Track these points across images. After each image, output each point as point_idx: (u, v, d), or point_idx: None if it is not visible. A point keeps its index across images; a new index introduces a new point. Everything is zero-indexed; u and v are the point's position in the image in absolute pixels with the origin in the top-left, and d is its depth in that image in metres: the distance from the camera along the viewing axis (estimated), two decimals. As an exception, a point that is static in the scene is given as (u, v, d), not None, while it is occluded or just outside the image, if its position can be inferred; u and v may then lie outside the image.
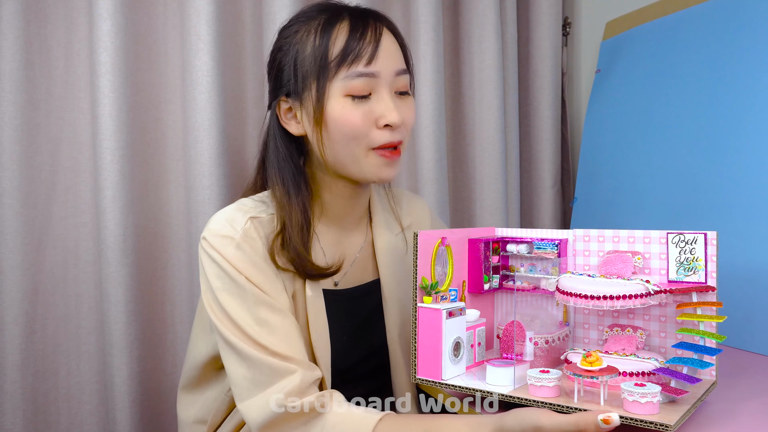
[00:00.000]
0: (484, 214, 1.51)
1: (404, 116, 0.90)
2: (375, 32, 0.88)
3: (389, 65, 0.88)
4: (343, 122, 0.86)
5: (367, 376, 0.98)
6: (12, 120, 1.16)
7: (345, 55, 0.85)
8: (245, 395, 0.82)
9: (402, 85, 0.91)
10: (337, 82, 0.86)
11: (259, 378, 0.81)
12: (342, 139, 0.87)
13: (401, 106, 0.90)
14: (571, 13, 1.68)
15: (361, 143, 0.88)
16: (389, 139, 0.88)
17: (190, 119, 1.22)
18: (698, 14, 1.26)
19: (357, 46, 0.86)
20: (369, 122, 0.87)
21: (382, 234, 1.02)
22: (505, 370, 0.78)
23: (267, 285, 0.85)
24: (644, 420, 0.66)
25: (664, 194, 1.24)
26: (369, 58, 0.86)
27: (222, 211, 0.90)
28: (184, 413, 1.01)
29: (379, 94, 0.88)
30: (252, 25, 1.34)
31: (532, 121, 1.63)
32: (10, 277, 1.17)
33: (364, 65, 0.86)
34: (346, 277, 0.99)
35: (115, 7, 1.16)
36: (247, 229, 0.86)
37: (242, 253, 0.85)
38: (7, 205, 1.16)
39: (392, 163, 0.90)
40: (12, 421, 1.18)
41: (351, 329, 0.96)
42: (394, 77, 0.89)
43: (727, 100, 1.15)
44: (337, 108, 0.86)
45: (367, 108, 0.87)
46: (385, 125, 0.88)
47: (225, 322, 0.84)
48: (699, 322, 0.78)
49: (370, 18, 0.90)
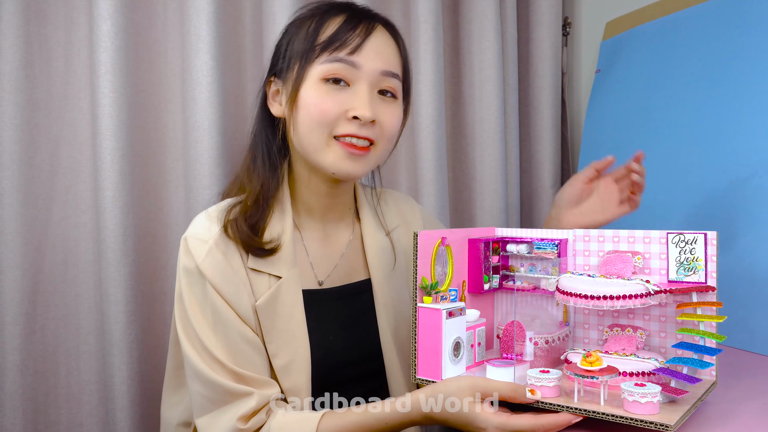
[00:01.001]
0: (484, 214, 1.51)
1: (381, 117, 0.89)
2: (367, 27, 0.88)
3: (376, 62, 0.88)
4: (313, 106, 0.86)
5: (365, 377, 0.97)
6: (12, 120, 1.16)
7: (331, 41, 0.86)
8: (200, 412, 0.84)
9: (388, 86, 0.90)
10: (317, 66, 0.87)
11: (214, 397, 0.83)
12: (308, 123, 0.87)
13: (380, 107, 0.89)
14: (571, 13, 1.68)
15: (324, 130, 0.87)
16: (354, 131, 0.87)
17: (190, 119, 1.22)
18: (698, 14, 1.26)
19: (345, 35, 0.87)
20: (338, 111, 0.86)
21: (372, 233, 1.01)
22: (505, 370, 0.78)
23: (232, 296, 0.85)
24: (644, 420, 0.66)
25: (664, 194, 1.24)
26: (353, 47, 0.86)
27: (204, 213, 0.91)
28: (168, 414, 1.00)
29: (356, 87, 0.87)
30: (252, 25, 1.34)
31: (532, 121, 1.63)
32: (10, 277, 1.17)
33: (346, 53, 0.86)
34: (333, 274, 0.98)
35: (115, 7, 1.16)
36: (222, 232, 0.87)
37: (212, 259, 0.85)
38: (7, 205, 1.16)
39: (356, 158, 0.88)
40: (12, 421, 1.17)
41: (338, 329, 0.94)
42: (379, 76, 0.89)
43: (726, 99, 1.15)
44: (310, 91, 0.87)
45: (340, 98, 0.87)
46: (354, 117, 0.86)
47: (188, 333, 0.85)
48: (699, 322, 0.78)
49: (366, 15, 0.91)
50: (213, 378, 0.82)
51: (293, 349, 0.88)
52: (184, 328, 0.86)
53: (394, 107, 0.92)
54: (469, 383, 0.75)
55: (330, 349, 0.92)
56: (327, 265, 0.98)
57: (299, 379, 0.88)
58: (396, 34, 0.94)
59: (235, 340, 0.85)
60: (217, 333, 0.84)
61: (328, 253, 0.98)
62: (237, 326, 0.85)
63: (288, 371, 0.87)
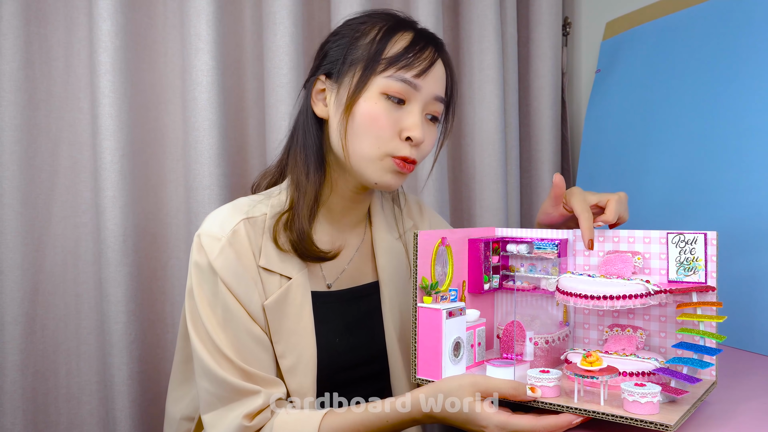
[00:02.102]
0: (484, 214, 1.51)
1: (426, 139, 0.91)
2: (433, 54, 0.90)
3: (433, 87, 0.90)
4: (373, 118, 0.87)
5: (369, 379, 0.97)
6: (12, 120, 1.16)
7: (399, 58, 0.87)
8: (207, 408, 0.85)
9: (435, 110, 0.92)
10: (380, 79, 0.87)
11: (222, 394, 0.83)
12: (365, 133, 0.88)
13: (426, 129, 0.91)
14: (571, 13, 1.68)
15: (381, 146, 0.88)
16: (409, 154, 0.89)
17: (190, 119, 1.22)
18: (698, 14, 1.26)
19: (413, 56, 0.88)
20: (394, 129, 0.88)
21: (383, 236, 1.02)
22: (505, 370, 0.78)
23: (243, 294, 0.86)
24: (644, 420, 0.66)
25: (664, 194, 1.24)
26: (420, 71, 0.88)
27: (218, 210, 0.91)
28: (172, 408, 1.00)
29: (411, 108, 0.89)
30: (252, 25, 1.34)
31: (532, 121, 1.63)
32: (10, 277, 1.17)
33: (413, 75, 0.87)
34: (342, 277, 0.98)
35: (115, 7, 1.16)
36: (236, 231, 0.87)
37: (225, 257, 0.85)
38: (7, 205, 1.16)
39: (402, 175, 0.91)
40: (12, 421, 1.18)
41: (344, 332, 0.95)
42: (432, 100, 0.90)
43: (726, 99, 1.15)
44: (370, 102, 0.87)
45: (396, 116, 0.88)
46: (407, 138, 0.88)
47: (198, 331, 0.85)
48: (699, 322, 0.78)
49: (433, 41, 0.92)
50: (222, 375, 0.82)
51: (300, 350, 0.89)
52: (194, 325, 0.86)
53: (434, 130, 0.94)
54: (470, 381, 0.76)
55: (336, 352, 0.93)
56: (336, 268, 0.98)
57: (305, 381, 0.88)
58: (448, 60, 0.96)
59: (245, 338, 0.85)
60: (227, 331, 0.85)
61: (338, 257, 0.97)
62: (247, 324, 0.85)
63: (294, 372, 0.88)
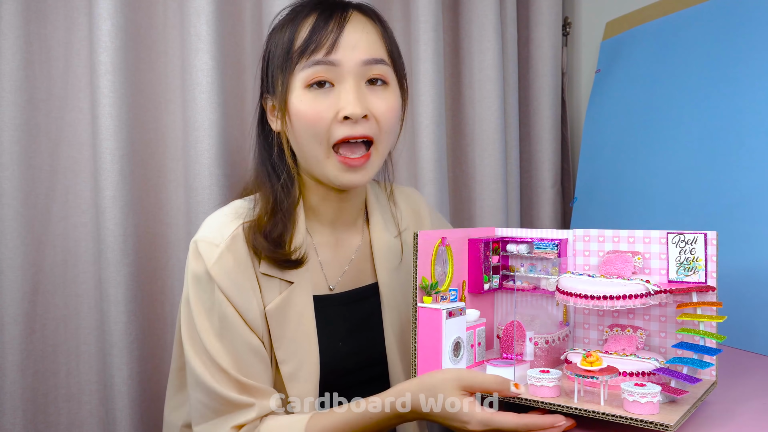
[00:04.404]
0: (484, 214, 1.51)
1: (374, 109, 0.85)
2: (339, 21, 0.85)
3: (354, 54, 0.84)
4: (301, 115, 0.84)
5: (371, 382, 0.96)
6: (12, 120, 1.16)
7: (306, 46, 0.83)
8: (199, 419, 0.84)
9: (374, 74, 0.86)
10: (298, 73, 0.84)
11: (215, 406, 0.82)
12: (304, 134, 0.85)
13: (371, 98, 0.86)
14: (571, 13, 1.68)
15: (322, 140, 0.84)
16: (348, 133, 0.84)
17: (190, 119, 1.22)
18: (698, 14, 1.26)
19: (318, 35, 0.83)
20: (330, 115, 0.84)
21: (381, 236, 1.00)
22: (505, 370, 0.78)
23: (241, 301, 0.84)
24: (644, 420, 0.66)
25: (664, 194, 1.24)
26: (329, 46, 0.83)
27: (215, 215, 0.90)
28: (172, 415, 0.98)
29: (341, 86, 0.84)
30: (252, 25, 1.34)
31: (532, 121, 1.63)
32: (10, 276, 1.17)
33: (323, 54, 0.83)
34: (343, 279, 0.97)
35: (115, 7, 1.16)
36: (236, 236, 0.85)
37: (223, 263, 0.83)
38: (7, 205, 1.16)
39: (355, 169, 0.86)
40: (12, 421, 1.17)
41: (346, 335, 0.94)
42: (362, 66, 0.85)
43: (726, 99, 1.15)
44: (296, 100, 0.84)
45: (328, 102, 0.84)
46: (345, 117, 0.83)
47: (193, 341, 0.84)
48: (699, 322, 0.78)
49: (336, 8, 0.87)
50: (215, 388, 0.81)
51: (302, 355, 0.87)
52: (189, 336, 0.85)
53: (387, 94, 0.88)
54: (454, 375, 0.75)
55: (338, 355, 0.91)
56: (337, 270, 0.96)
57: (307, 386, 0.87)
58: (374, 17, 0.90)
59: (241, 348, 0.83)
60: (223, 340, 0.83)
61: (338, 258, 0.96)
62: (243, 334, 0.84)
63: (296, 378, 0.86)
